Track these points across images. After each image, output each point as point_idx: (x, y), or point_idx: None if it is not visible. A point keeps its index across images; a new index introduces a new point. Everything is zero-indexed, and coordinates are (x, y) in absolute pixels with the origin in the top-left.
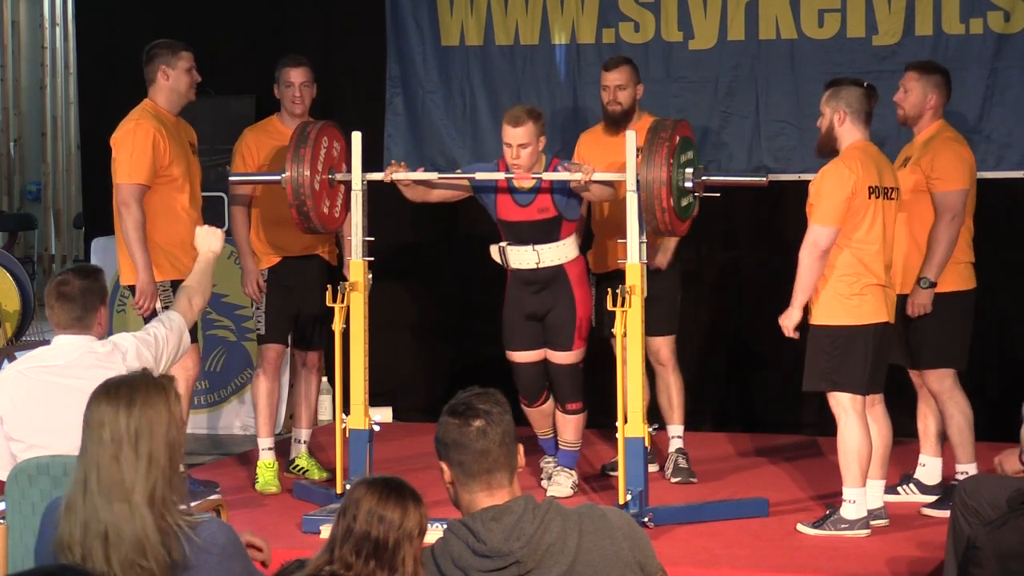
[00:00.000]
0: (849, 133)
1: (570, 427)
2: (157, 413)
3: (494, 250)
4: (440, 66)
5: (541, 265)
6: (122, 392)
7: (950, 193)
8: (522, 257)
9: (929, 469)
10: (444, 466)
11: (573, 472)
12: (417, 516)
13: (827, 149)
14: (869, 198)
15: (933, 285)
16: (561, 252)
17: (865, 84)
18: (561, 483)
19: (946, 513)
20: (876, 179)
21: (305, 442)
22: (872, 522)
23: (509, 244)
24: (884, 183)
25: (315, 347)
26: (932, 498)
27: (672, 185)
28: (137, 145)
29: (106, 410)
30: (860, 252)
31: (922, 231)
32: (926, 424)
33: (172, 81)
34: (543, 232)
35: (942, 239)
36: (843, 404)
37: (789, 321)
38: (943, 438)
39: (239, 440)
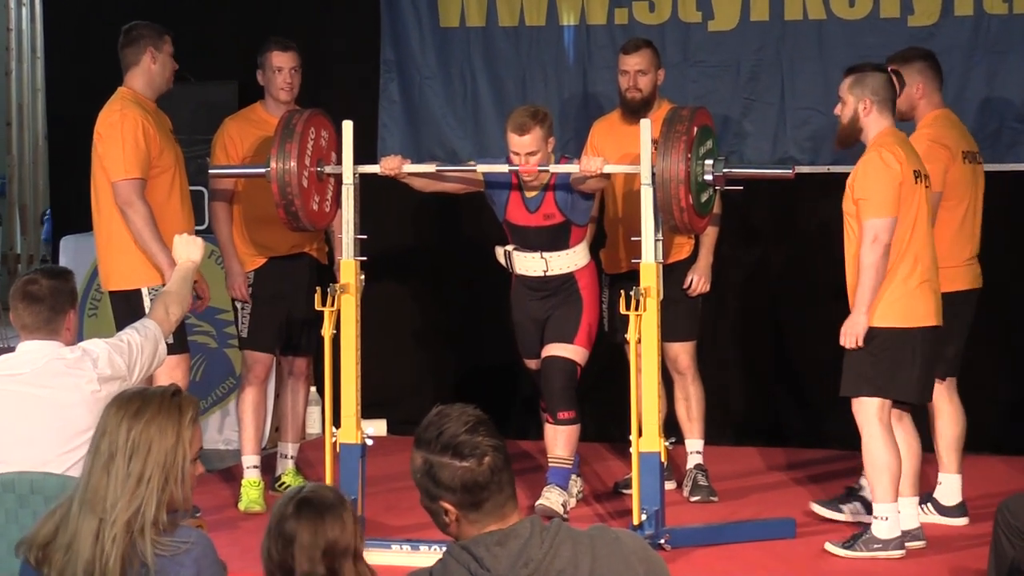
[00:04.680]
0: (876, 123)
1: (561, 440)
2: (162, 432)
3: (499, 252)
4: (438, 49)
5: (549, 273)
6: (132, 403)
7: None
8: (528, 264)
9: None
10: (448, 506)
11: (565, 491)
12: (351, 518)
13: (850, 140)
14: (915, 183)
15: None
16: (570, 260)
17: (889, 69)
18: (551, 499)
19: (830, 513)
20: (918, 164)
21: (292, 457)
22: (908, 543)
23: (516, 249)
24: (922, 170)
25: (303, 353)
26: (956, 521)
27: (690, 178)
28: (127, 137)
29: (112, 419)
30: (913, 245)
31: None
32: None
33: (159, 65)
34: (551, 239)
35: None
36: (868, 413)
37: (858, 328)
38: (959, 450)
39: (221, 455)
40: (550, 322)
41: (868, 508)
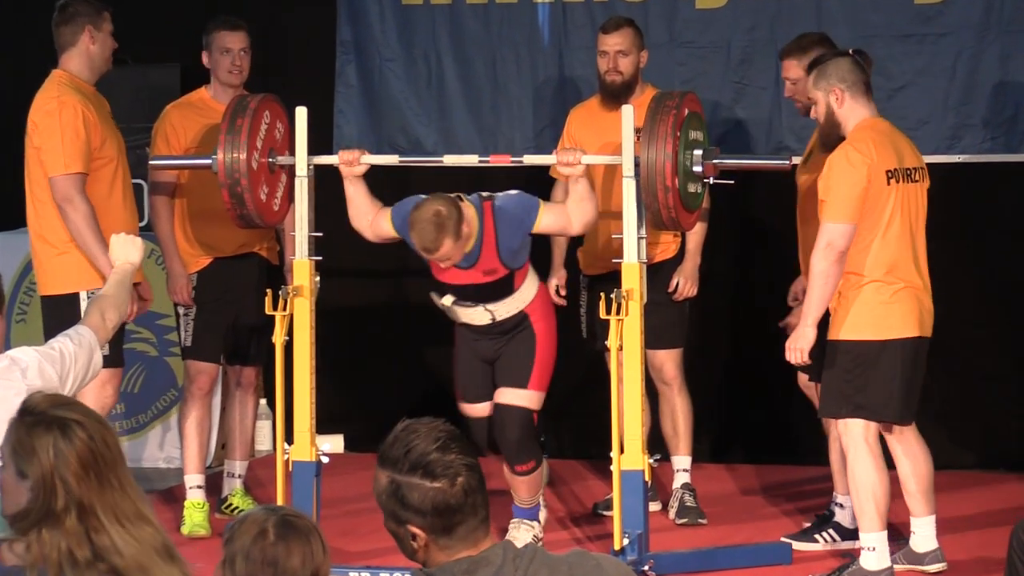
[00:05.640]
0: (853, 112)
1: (523, 487)
2: None
3: (436, 301)
4: (400, 29)
5: (497, 320)
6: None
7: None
8: (472, 316)
9: (850, 511)
10: (416, 530)
11: (534, 524)
12: (325, 541)
13: (833, 139)
14: (888, 184)
15: None
16: (519, 301)
17: (851, 51)
18: (520, 539)
19: (808, 546)
20: (894, 160)
21: (240, 476)
22: (928, 566)
23: (456, 303)
24: (905, 164)
25: (252, 363)
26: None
27: (677, 170)
28: (67, 127)
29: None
30: (886, 251)
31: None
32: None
33: (98, 45)
34: (494, 292)
35: None
36: (853, 434)
37: (803, 342)
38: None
39: (162, 474)
40: (501, 361)
41: (843, 534)
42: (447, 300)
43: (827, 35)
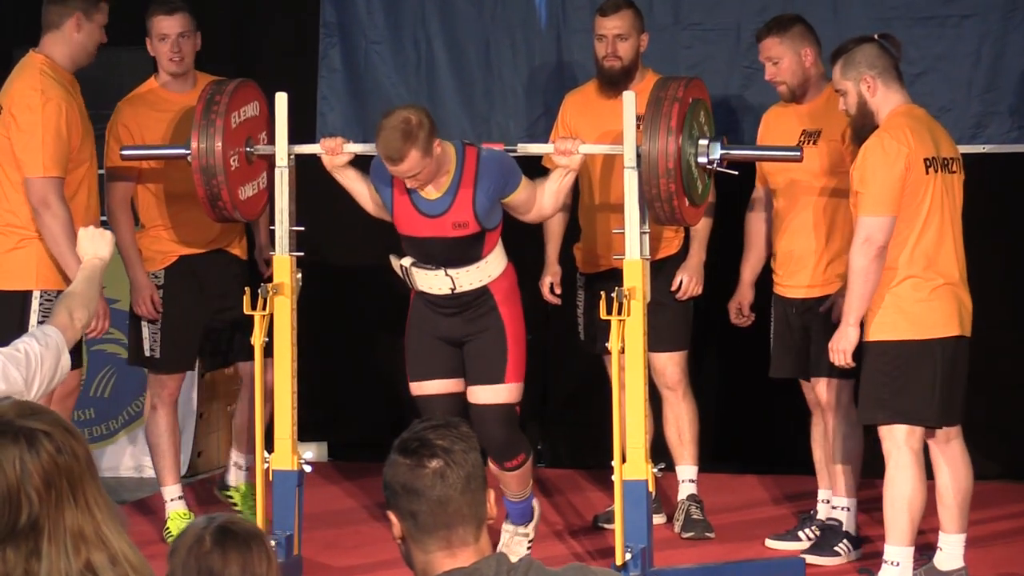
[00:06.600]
0: (886, 99)
1: (512, 482)
2: None
3: (395, 264)
4: (388, 9)
5: (457, 291)
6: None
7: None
8: (431, 282)
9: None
10: (393, 517)
11: (528, 530)
12: (272, 551)
13: (866, 131)
14: (927, 173)
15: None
16: (483, 273)
17: (876, 36)
18: (514, 553)
19: (830, 560)
20: (932, 149)
21: (249, 469)
22: None
23: (415, 264)
24: (942, 153)
25: (244, 357)
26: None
27: (682, 161)
28: (48, 128)
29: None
30: (924, 245)
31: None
32: (828, 453)
33: (84, 35)
34: (460, 252)
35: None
36: (896, 439)
37: (846, 343)
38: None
39: (136, 484)
40: (470, 354)
41: (854, 543)
42: (406, 261)
43: (801, 15)
